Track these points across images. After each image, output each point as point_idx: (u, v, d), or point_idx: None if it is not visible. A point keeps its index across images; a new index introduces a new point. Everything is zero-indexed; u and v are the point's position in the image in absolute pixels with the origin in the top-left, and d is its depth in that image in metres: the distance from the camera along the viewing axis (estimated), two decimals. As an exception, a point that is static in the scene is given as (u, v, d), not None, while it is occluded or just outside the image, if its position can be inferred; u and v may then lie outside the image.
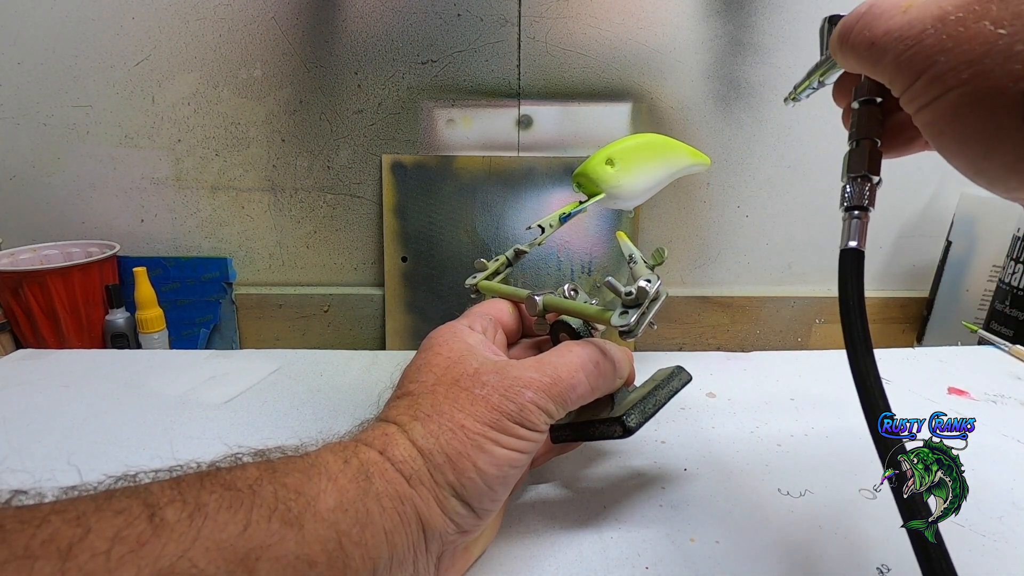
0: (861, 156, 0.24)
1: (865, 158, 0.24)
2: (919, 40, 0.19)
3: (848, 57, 0.22)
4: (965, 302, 0.76)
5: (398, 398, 0.25)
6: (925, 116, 0.20)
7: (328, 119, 0.74)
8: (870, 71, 0.22)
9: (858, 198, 0.24)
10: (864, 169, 0.24)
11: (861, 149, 0.24)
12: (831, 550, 0.29)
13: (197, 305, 0.78)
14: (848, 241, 0.23)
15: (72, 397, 0.42)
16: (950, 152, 0.20)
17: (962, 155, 0.19)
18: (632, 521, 0.31)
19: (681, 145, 0.40)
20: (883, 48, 0.20)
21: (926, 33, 0.19)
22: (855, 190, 0.24)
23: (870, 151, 0.24)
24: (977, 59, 0.17)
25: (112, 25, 0.69)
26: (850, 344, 0.21)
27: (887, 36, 0.20)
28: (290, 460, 0.20)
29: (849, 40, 0.22)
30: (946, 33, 0.18)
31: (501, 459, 0.23)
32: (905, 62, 0.19)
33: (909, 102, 0.20)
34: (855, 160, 0.24)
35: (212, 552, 0.16)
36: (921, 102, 0.19)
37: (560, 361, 0.25)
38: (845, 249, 0.23)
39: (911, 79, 0.19)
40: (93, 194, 0.76)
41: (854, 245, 0.23)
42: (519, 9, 0.70)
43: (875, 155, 0.24)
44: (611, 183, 0.35)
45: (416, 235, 0.76)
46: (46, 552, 0.14)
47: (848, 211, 0.24)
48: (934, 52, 0.18)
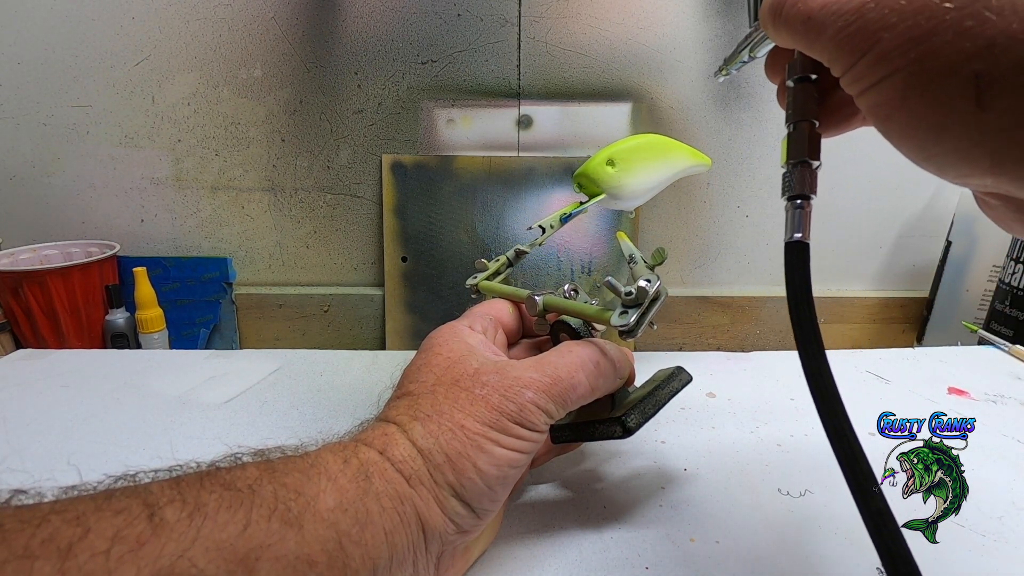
0: (800, 140, 0.23)
1: (804, 142, 0.22)
2: (860, 15, 0.17)
3: (781, 32, 0.21)
4: (965, 302, 0.76)
5: (398, 398, 0.25)
6: (870, 98, 0.18)
7: (328, 119, 0.74)
8: (806, 48, 0.20)
9: (799, 186, 0.22)
10: (804, 154, 0.22)
11: (799, 132, 0.23)
12: (831, 550, 0.29)
13: (197, 305, 0.78)
14: (793, 233, 0.22)
15: (72, 397, 0.42)
16: (897, 137, 0.18)
17: (910, 140, 0.18)
18: (632, 521, 0.31)
19: (682, 146, 0.40)
20: (820, 24, 0.18)
21: (866, 7, 0.17)
22: (797, 177, 0.22)
23: (809, 134, 0.23)
24: (924, 36, 0.16)
25: (112, 25, 0.69)
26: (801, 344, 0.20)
27: (824, 10, 0.18)
28: (290, 460, 0.20)
29: (782, 14, 0.20)
30: (888, 7, 0.16)
31: (501, 459, 0.22)
32: (845, 40, 0.18)
33: (851, 83, 0.19)
34: (794, 145, 0.23)
35: (212, 552, 0.16)
36: (865, 84, 0.18)
37: (560, 361, 0.25)
38: (790, 242, 0.22)
39: (853, 58, 0.18)
40: (93, 194, 0.76)
41: (799, 237, 0.21)
42: (519, 9, 0.70)
43: (814, 138, 0.23)
44: (612, 184, 0.35)
45: (416, 235, 0.76)
46: (46, 552, 0.14)
47: (791, 200, 0.22)
48: (877, 28, 0.17)
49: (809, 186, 0.22)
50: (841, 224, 0.81)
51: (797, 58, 0.23)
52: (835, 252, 0.83)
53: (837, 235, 0.82)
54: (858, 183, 0.78)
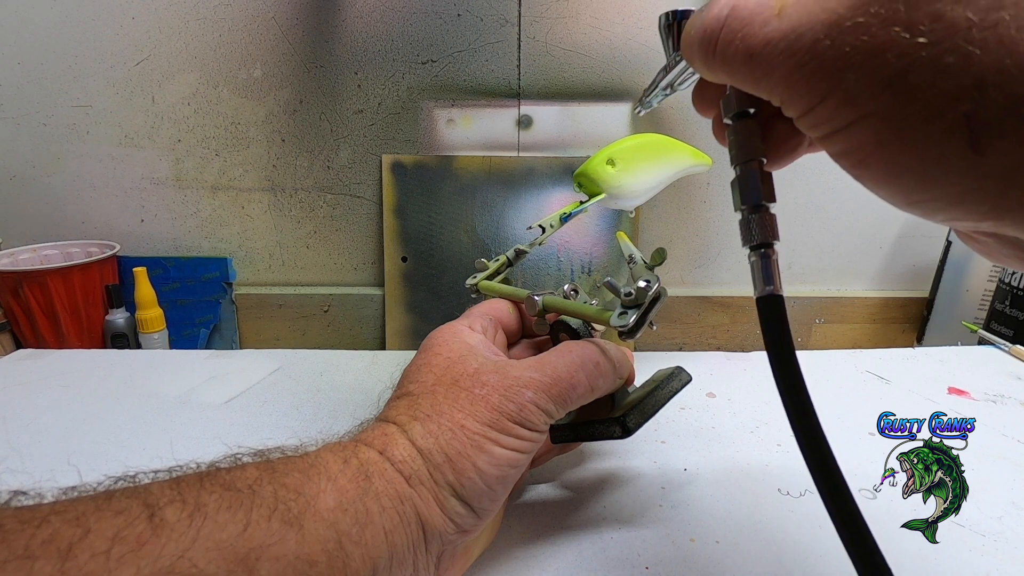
0: (752, 183, 0.21)
1: (757, 184, 0.21)
2: (813, 53, 0.15)
3: (716, 71, 0.19)
4: (965, 302, 0.76)
5: (398, 398, 0.25)
6: (837, 144, 0.17)
7: (328, 119, 0.74)
8: (751, 88, 0.18)
9: (761, 233, 0.20)
10: (760, 198, 0.20)
11: (750, 175, 0.21)
12: (831, 550, 0.29)
13: (197, 305, 0.78)
14: (764, 286, 0.20)
15: (72, 397, 0.42)
16: (874, 183, 0.17)
17: (891, 187, 0.16)
18: (632, 521, 0.31)
19: (682, 145, 0.40)
20: (766, 63, 0.16)
21: (820, 44, 0.15)
22: (756, 225, 0.20)
23: (760, 175, 0.21)
24: (896, 76, 0.14)
25: (112, 25, 0.69)
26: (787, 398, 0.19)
27: (769, 47, 0.16)
28: (290, 460, 0.20)
29: (715, 51, 0.18)
30: (848, 44, 0.15)
31: (501, 459, 0.23)
32: (801, 81, 0.16)
33: (812, 127, 0.17)
34: (746, 189, 0.21)
35: (212, 552, 0.16)
36: (829, 128, 0.16)
37: (560, 361, 0.25)
38: (763, 296, 0.20)
39: (812, 101, 0.16)
40: (93, 194, 0.76)
41: (771, 290, 0.20)
42: (519, 9, 0.70)
43: (766, 179, 0.21)
44: (612, 183, 0.35)
45: (416, 235, 0.76)
46: (46, 552, 0.14)
47: (754, 249, 0.20)
48: (837, 68, 0.15)
49: (770, 232, 0.20)
50: (841, 224, 0.81)
51: (731, 94, 0.21)
52: (835, 252, 0.83)
53: (837, 235, 0.82)
54: (858, 183, 0.78)
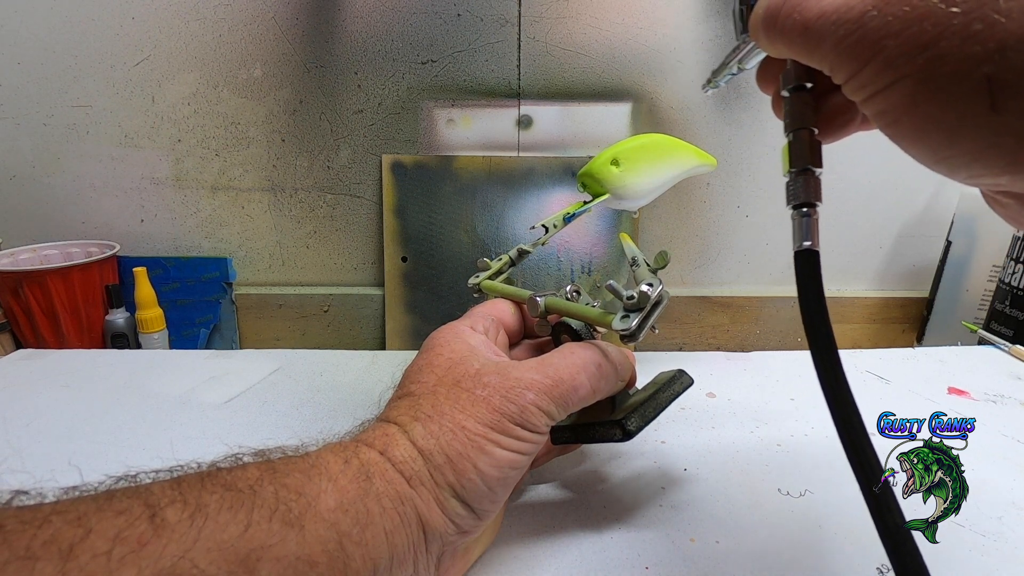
0: (800, 149, 0.23)
1: (805, 150, 0.23)
2: (861, 23, 0.17)
3: (776, 43, 0.21)
4: (965, 302, 0.76)
5: (399, 398, 0.25)
6: (877, 104, 0.18)
7: (328, 119, 0.74)
8: (805, 58, 0.20)
9: (804, 194, 0.22)
10: (806, 162, 0.22)
11: (799, 141, 0.23)
12: (831, 550, 0.29)
13: (197, 305, 0.78)
14: (802, 241, 0.22)
15: (72, 397, 0.42)
16: (907, 141, 0.18)
17: (921, 144, 0.18)
18: (632, 521, 0.31)
19: (687, 146, 0.40)
20: (819, 33, 0.18)
21: (868, 15, 0.17)
22: (800, 186, 0.22)
23: (809, 142, 0.23)
24: (931, 42, 0.16)
25: (112, 25, 0.69)
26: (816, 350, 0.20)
27: (822, 19, 0.18)
28: (291, 460, 0.20)
29: (776, 25, 0.20)
30: (891, 14, 0.16)
31: (501, 460, 0.22)
32: (848, 48, 0.18)
33: (856, 90, 0.19)
34: (795, 153, 0.23)
35: (213, 552, 0.16)
36: (870, 90, 0.18)
37: (562, 363, 0.25)
38: (800, 251, 0.21)
39: (857, 67, 0.18)
40: (93, 194, 0.76)
41: (808, 245, 0.21)
42: (519, 9, 0.70)
43: (815, 145, 0.23)
44: (616, 184, 0.35)
45: (416, 235, 0.76)
46: (47, 553, 0.14)
47: (796, 209, 0.22)
48: (881, 36, 0.17)
49: (814, 193, 0.22)
50: (841, 224, 0.81)
51: (790, 67, 0.23)
52: (835, 252, 0.83)
53: (837, 235, 0.82)
54: (858, 183, 0.78)
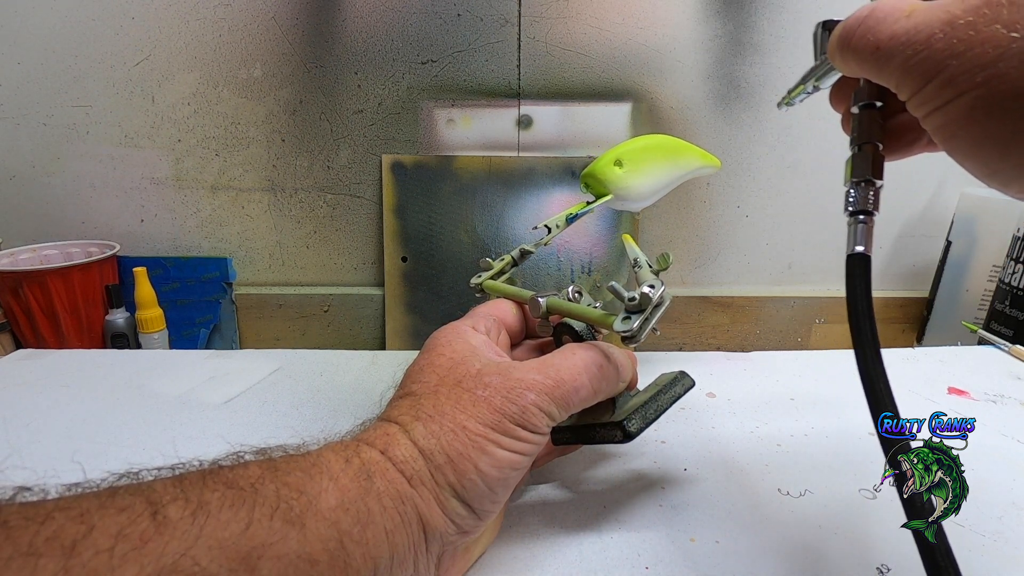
0: (864, 160, 0.24)
1: (868, 162, 0.24)
2: (928, 44, 0.19)
3: (849, 62, 0.22)
4: (965, 302, 0.76)
5: (400, 398, 0.25)
6: (936, 119, 0.19)
7: (328, 119, 0.74)
8: (874, 75, 0.21)
9: (863, 203, 0.23)
10: (868, 173, 0.24)
11: (864, 153, 0.24)
12: (831, 550, 0.29)
13: (197, 305, 0.79)
14: (855, 246, 0.23)
15: (72, 397, 0.42)
16: (963, 154, 0.20)
17: (976, 158, 0.19)
18: (632, 521, 0.31)
19: (691, 147, 0.40)
20: (889, 52, 0.20)
21: (935, 38, 0.18)
22: (859, 194, 0.23)
23: (873, 155, 0.24)
24: (991, 62, 0.17)
25: (112, 25, 0.69)
26: (859, 348, 0.22)
27: (893, 40, 0.20)
28: (292, 459, 0.20)
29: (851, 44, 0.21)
30: (956, 37, 0.18)
31: (502, 461, 0.22)
32: (914, 66, 0.19)
33: (919, 106, 0.20)
34: (858, 165, 0.24)
35: (214, 550, 0.16)
36: (932, 106, 0.19)
37: (563, 363, 0.25)
38: (852, 254, 0.23)
39: (921, 83, 0.19)
40: (93, 194, 0.76)
41: (860, 250, 0.23)
42: (519, 9, 0.70)
43: (878, 159, 0.24)
44: (619, 185, 0.35)
45: (416, 235, 0.76)
46: (50, 549, 0.14)
47: (853, 215, 0.24)
48: (945, 56, 0.18)
49: (872, 203, 0.23)
50: (841, 224, 0.81)
51: (863, 86, 0.24)
52: (835, 252, 0.83)
53: (837, 235, 0.82)
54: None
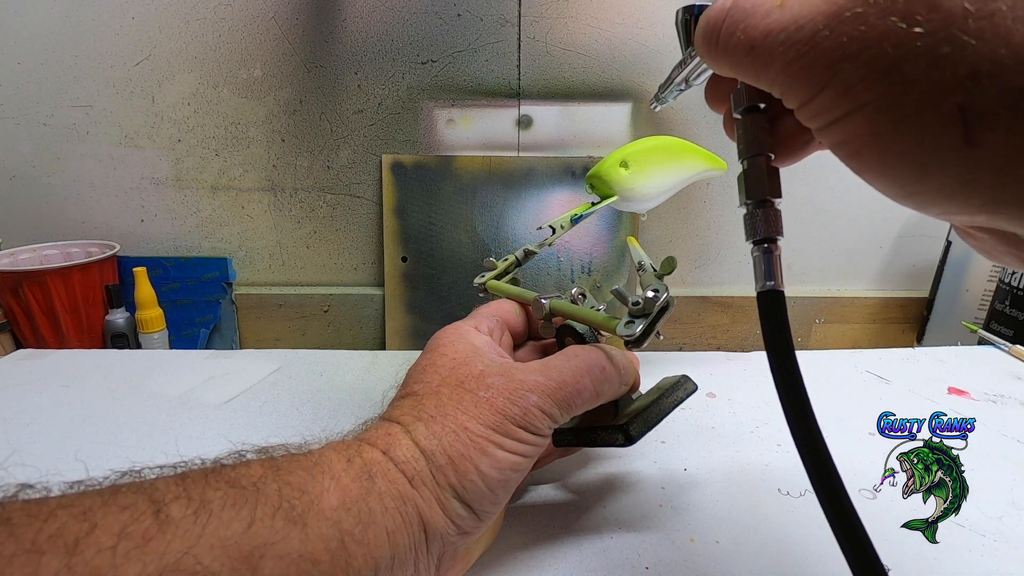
0: (758, 177, 0.21)
1: (763, 179, 0.20)
2: (812, 44, 0.15)
3: (721, 63, 0.19)
4: (965, 302, 0.76)
5: (402, 398, 0.25)
6: (834, 135, 0.16)
7: (328, 119, 0.74)
8: (752, 80, 0.18)
9: (765, 228, 0.20)
10: (764, 192, 0.20)
11: (756, 169, 0.21)
12: (831, 550, 0.29)
13: (197, 305, 0.78)
14: (765, 281, 0.20)
15: (72, 397, 0.42)
16: (871, 174, 0.17)
17: (887, 179, 0.16)
18: (632, 522, 0.31)
19: (698, 149, 0.39)
20: (767, 53, 0.17)
21: (819, 35, 0.15)
22: (760, 220, 0.20)
23: (767, 170, 0.21)
24: (892, 66, 0.14)
25: (112, 25, 0.69)
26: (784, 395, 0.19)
27: (769, 39, 0.16)
28: (294, 458, 0.20)
29: (719, 43, 0.18)
30: (846, 35, 0.15)
31: (503, 462, 0.22)
32: (799, 72, 0.16)
33: (811, 118, 0.17)
34: (752, 184, 0.21)
35: (217, 549, 0.16)
36: (826, 119, 0.16)
37: (566, 366, 0.25)
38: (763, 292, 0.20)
39: (810, 92, 0.16)
40: (93, 194, 0.76)
41: (772, 285, 0.20)
42: (519, 9, 0.70)
43: (772, 174, 0.21)
44: (624, 186, 0.35)
45: (416, 235, 0.76)
46: (53, 547, 0.14)
47: (757, 244, 0.20)
48: (835, 59, 0.15)
49: (775, 227, 0.20)
50: (841, 224, 0.81)
51: (741, 88, 0.21)
52: (835, 252, 0.83)
53: (837, 235, 0.82)
54: (858, 183, 0.78)
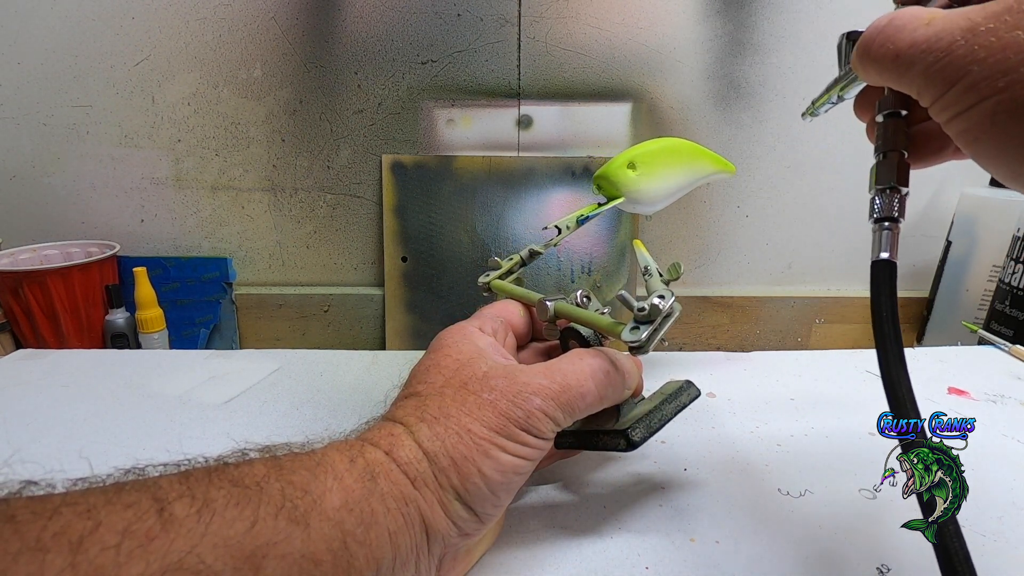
0: (889, 168, 0.24)
1: (893, 170, 0.24)
2: (949, 51, 0.19)
3: (870, 71, 0.23)
4: (965, 302, 0.76)
5: (405, 398, 0.25)
6: (959, 124, 0.20)
7: (328, 119, 0.74)
8: (895, 83, 0.22)
9: (887, 209, 0.24)
10: (892, 181, 0.24)
11: (889, 161, 0.24)
12: (831, 550, 0.29)
13: (197, 305, 0.79)
14: (880, 252, 0.23)
15: (72, 397, 0.42)
16: (987, 158, 0.20)
17: (1000, 161, 0.20)
18: (632, 522, 0.31)
19: (706, 152, 0.39)
20: (909, 60, 0.20)
21: (956, 44, 0.19)
22: (884, 202, 0.24)
23: (898, 163, 0.24)
24: (1012, 68, 0.18)
25: (112, 25, 0.69)
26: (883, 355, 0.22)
27: (913, 48, 0.20)
28: (297, 457, 0.20)
29: (871, 53, 0.22)
30: (977, 44, 0.18)
31: (506, 465, 0.22)
32: (935, 73, 0.19)
33: (941, 111, 0.20)
34: (883, 172, 0.24)
35: (220, 548, 0.16)
36: (954, 111, 0.20)
37: (570, 369, 0.25)
38: (877, 260, 0.23)
39: (942, 89, 0.19)
40: (93, 194, 0.76)
41: (886, 256, 0.23)
42: (519, 9, 0.70)
43: (903, 166, 0.24)
44: (632, 188, 0.34)
45: (416, 235, 0.76)
46: (57, 545, 0.14)
47: (878, 223, 0.24)
48: (966, 62, 0.19)
49: (898, 210, 0.24)
50: (841, 224, 0.81)
51: (887, 95, 0.25)
52: (835, 252, 0.83)
53: (837, 235, 0.82)
54: (858, 183, 0.78)
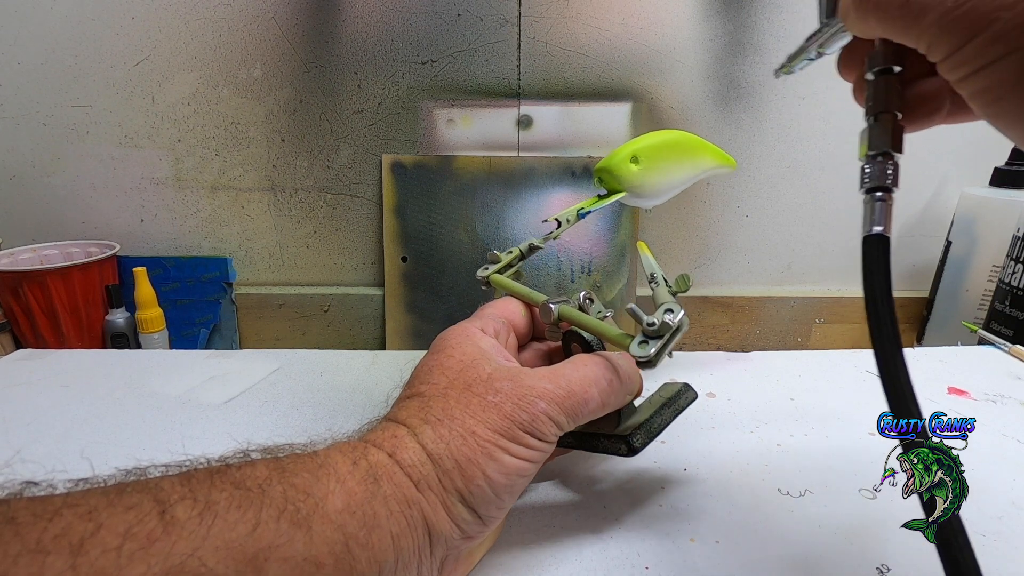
0: (882, 131, 0.22)
1: (887, 133, 0.21)
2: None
3: (869, 20, 0.20)
4: (965, 302, 0.76)
5: (408, 398, 0.25)
6: (978, 82, 0.17)
7: (328, 119, 0.74)
8: (899, 35, 0.19)
9: (880, 177, 0.21)
10: (886, 146, 0.21)
11: (881, 124, 0.22)
12: (831, 550, 0.29)
13: (197, 305, 0.78)
14: (872, 226, 0.20)
15: (72, 397, 0.42)
16: (1009, 121, 0.18)
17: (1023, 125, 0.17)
18: (632, 521, 0.31)
19: (708, 145, 0.39)
20: (922, 7, 0.18)
21: None
22: (876, 169, 0.21)
23: (892, 126, 0.21)
24: None
25: (112, 25, 0.69)
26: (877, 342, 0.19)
27: None
28: (299, 459, 0.20)
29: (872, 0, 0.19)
30: None
31: (510, 468, 0.22)
32: (953, 21, 0.17)
33: (955, 67, 0.18)
34: (875, 136, 0.22)
35: (221, 551, 0.16)
36: (973, 66, 0.17)
37: (575, 374, 0.25)
38: (869, 235, 0.20)
39: (961, 41, 0.17)
40: (93, 194, 0.76)
41: (879, 230, 0.20)
42: (519, 9, 0.70)
43: (897, 130, 0.22)
44: (634, 182, 0.34)
45: (416, 235, 0.76)
46: (58, 547, 0.14)
47: (869, 193, 0.21)
48: (992, 8, 0.16)
49: (891, 178, 0.21)
50: (841, 224, 0.81)
51: (879, 49, 0.22)
52: (835, 252, 0.83)
53: (837, 235, 0.82)
54: (858, 183, 0.78)
